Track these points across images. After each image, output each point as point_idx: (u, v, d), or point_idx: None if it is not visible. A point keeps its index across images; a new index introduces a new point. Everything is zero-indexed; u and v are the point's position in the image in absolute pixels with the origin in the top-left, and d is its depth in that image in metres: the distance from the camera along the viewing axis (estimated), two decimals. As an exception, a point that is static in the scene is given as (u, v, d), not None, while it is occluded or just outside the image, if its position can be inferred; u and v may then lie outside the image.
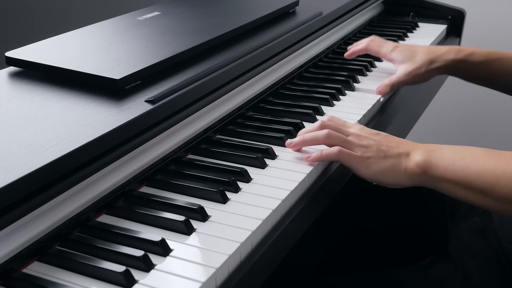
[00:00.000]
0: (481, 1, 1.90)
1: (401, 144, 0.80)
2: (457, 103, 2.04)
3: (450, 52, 1.05)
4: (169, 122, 0.77)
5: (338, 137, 0.80)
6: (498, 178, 0.72)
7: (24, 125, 0.68)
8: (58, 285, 0.58)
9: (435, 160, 0.76)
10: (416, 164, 0.76)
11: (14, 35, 2.74)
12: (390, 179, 0.78)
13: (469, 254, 0.85)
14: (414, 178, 0.77)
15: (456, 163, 0.75)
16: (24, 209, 0.59)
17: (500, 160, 0.73)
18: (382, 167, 0.78)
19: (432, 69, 1.04)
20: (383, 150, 0.78)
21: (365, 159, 0.78)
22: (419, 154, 0.77)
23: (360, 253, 1.04)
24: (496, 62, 1.03)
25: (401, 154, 0.78)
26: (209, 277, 0.58)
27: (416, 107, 1.28)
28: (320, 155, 0.79)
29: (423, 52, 1.06)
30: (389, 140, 0.80)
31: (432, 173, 0.76)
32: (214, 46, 0.95)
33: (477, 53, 1.04)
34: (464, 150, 0.77)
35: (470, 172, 0.73)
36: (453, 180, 0.75)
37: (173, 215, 0.67)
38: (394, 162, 0.78)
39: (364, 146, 0.79)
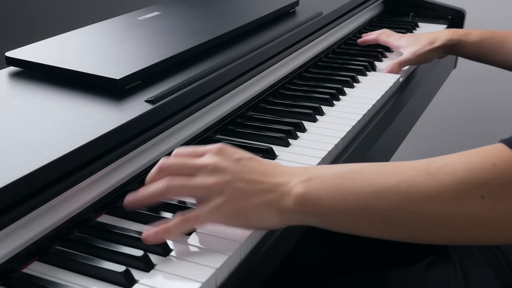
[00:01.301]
0: (481, 1, 1.90)
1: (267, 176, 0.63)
2: (457, 103, 2.04)
3: (447, 33, 1.17)
4: (169, 122, 0.77)
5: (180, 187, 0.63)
6: (404, 194, 0.57)
7: (24, 125, 0.68)
8: (58, 285, 0.58)
9: (316, 191, 0.60)
10: (293, 200, 0.60)
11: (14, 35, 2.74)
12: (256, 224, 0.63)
13: (469, 255, 0.85)
14: (291, 217, 0.61)
15: (345, 188, 0.59)
16: (24, 209, 0.59)
17: (400, 173, 0.59)
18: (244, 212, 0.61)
19: (433, 48, 1.15)
20: (244, 189, 0.61)
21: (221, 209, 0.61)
22: (294, 188, 0.61)
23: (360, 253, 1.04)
24: (488, 41, 1.12)
25: (269, 190, 0.61)
26: (209, 277, 0.58)
27: (416, 107, 1.28)
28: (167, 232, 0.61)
29: (425, 36, 1.19)
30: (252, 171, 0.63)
31: (315, 206, 0.60)
32: (214, 46, 0.95)
33: (472, 33, 1.14)
34: (350, 170, 0.61)
35: (366, 195, 0.58)
36: (343, 209, 0.59)
37: (173, 215, 0.67)
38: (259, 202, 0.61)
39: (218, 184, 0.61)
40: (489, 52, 1.12)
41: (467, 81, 1.97)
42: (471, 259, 0.85)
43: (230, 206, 0.61)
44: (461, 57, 1.20)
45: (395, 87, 1.11)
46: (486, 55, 1.13)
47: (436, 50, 1.16)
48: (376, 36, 1.26)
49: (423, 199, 0.57)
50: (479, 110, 2.03)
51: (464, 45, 1.14)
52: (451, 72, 1.54)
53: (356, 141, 0.92)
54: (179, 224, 0.62)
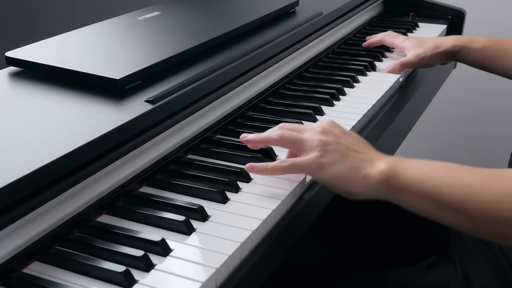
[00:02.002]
0: (481, 1, 1.90)
1: (365, 150, 0.72)
2: (457, 103, 2.04)
3: (452, 39, 1.15)
4: (169, 122, 0.77)
5: (289, 135, 0.74)
6: (475, 191, 0.64)
7: (24, 125, 0.68)
8: (58, 285, 0.58)
9: (402, 169, 0.68)
10: (379, 171, 0.68)
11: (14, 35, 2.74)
12: (344, 186, 0.70)
13: (470, 256, 0.85)
14: (374, 187, 0.69)
15: (427, 173, 0.67)
16: (24, 209, 0.59)
17: (477, 174, 0.66)
18: (336, 171, 0.69)
19: (437, 53, 1.14)
20: (342, 151, 0.70)
21: (317, 160, 0.70)
22: (384, 162, 0.69)
23: (360, 254, 1.04)
24: (492, 48, 1.11)
25: (363, 159, 0.70)
26: (209, 277, 0.58)
27: (416, 107, 1.28)
28: (266, 170, 0.74)
29: (430, 40, 1.18)
30: (353, 143, 0.73)
31: (397, 182, 0.67)
32: (214, 46, 0.95)
33: (476, 40, 1.13)
34: (437, 163, 0.69)
35: (442, 183, 0.66)
36: (420, 191, 0.66)
37: (173, 215, 0.67)
38: (351, 166, 0.69)
39: (320, 142, 0.71)
40: (492, 59, 1.11)
41: (467, 81, 1.97)
42: (471, 260, 0.85)
43: (326, 160, 0.70)
44: (465, 63, 1.18)
45: (395, 87, 1.11)
46: (490, 62, 1.12)
47: (439, 55, 1.14)
48: (381, 38, 1.25)
49: (491, 199, 0.63)
50: (479, 110, 2.03)
51: (468, 51, 1.13)
52: (451, 72, 1.54)
53: (356, 141, 0.92)
54: (278, 165, 0.73)
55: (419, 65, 1.16)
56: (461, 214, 0.65)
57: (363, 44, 1.26)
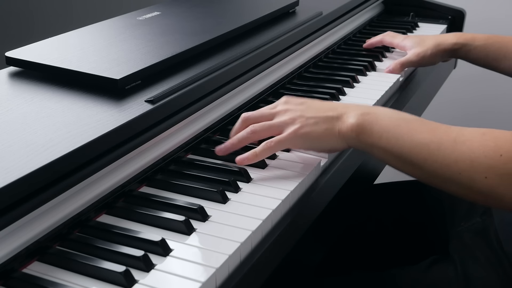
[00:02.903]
0: (481, 1, 1.90)
1: (331, 107, 0.78)
2: (457, 103, 2.04)
3: (453, 37, 1.15)
4: (169, 122, 0.77)
5: (262, 126, 0.78)
6: (431, 152, 0.70)
7: (24, 125, 0.68)
8: (58, 285, 0.58)
9: (369, 124, 0.74)
10: (350, 127, 0.74)
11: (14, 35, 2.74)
12: (325, 145, 0.77)
13: (470, 255, 0.85)
14: (349, 141, 0.76)
15: (391, 130, 0.73)
16: (24, 209, 0.59)
17: (435, 134, 0.71)
18: (316, 134, 0.76)
19: (438, 51, 1.14)
20: (313, 117, 0.77)
21: (297, 132, 0.76)
22: (353, 117, 0.75)
23: (360, 253, 1.04)
24: (494, 46, 1.11)
25: (333, 117, 0.76)
26: (209, 277, 0.58)
27: (416, 107, 1.28)
28: (255, 156, 0.77)
29: (431, 38, 1.17)
30: (318, 106, 0.79)
31: (366, 138, 0.74)
32: (214, 46, 0.95)
33: (477, 37, 1.13)
34: (400, 117, 0.74)
35: (403, 143, 0.71)
36: (385, 148, 0.73)
37: (173, 215, 0.67)
38: (327, 127, 0.76)
39: (292, 119, 0.77)
40: (495, 56, 1.11)
41: (467, 81, 1.97)
42: (472, 259, 0.85)
43: (304, 130, 0.76)
44: (466, 61, 1.17)
45: (395, 87, 1.11)
46: (492, 59, 1.11)
47: (440, 53, 1.14)
48: (381, 38, 1.24)
49: (444, 162, 0.69)
50: (479, 110, 2.03)
51: (469, 48, 1.13)
52: (451, 72, 1.54)
53: (356, 141, 0.92)
54: (265, 147, 0.77)
55: (420, 64, 1.16)
56: (420, 170, 0.71)
57: (363, 45, 1.26)
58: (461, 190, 0.70)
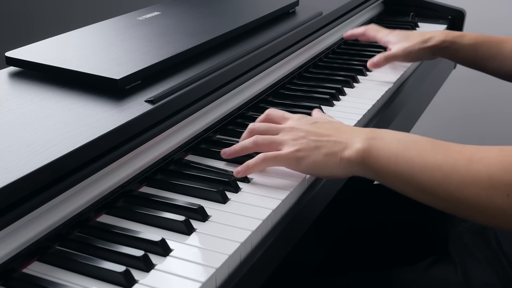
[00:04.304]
0: (481, 1, 1.90)
1: (337, 132, 0.74)
2: (457, 103, 2.04)
3: (441, 34, 1.10)
4: (169, 122, 0.77)
5: (264, 140, 0.76)
6: (445, 175, 0.65)
7: (24, 125, 0.68)
8: (58, 285, 0.58)
9: (376, 149, 0.70)
10: (355, 152, 0.70)
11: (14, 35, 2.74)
12: (323, 171, 0.73)
13: (469, 255, 0.85)
14: (352, 168, 0.71)
15: (400, 154, 0.68)
16: (24, 209, 0.59)
17: (448, 155, 0.67)
18: (314, 159, 0.72)
19: (425, 48, 1.10)
20: (315, 140, 0.73)
21: (294, 154, 0.73)
22: (358, 142, 0.71)
23: (360, 253, 1.04)
24: (483, 45, 1.07)
25: (336, 142, 0.72)
26: (209, 277, 0.58)
27: (416, 107, 1.28)
28: (248, 168, 0.75)
29: (417, 34, 1.13)
30: (324, 129, 0.75)
31: (372, 163, 0.70)
32: (214, 46, 0.95)
33: (466, 36, 1.09)
34: (408, 140, 0.70)
35: (414, 165, 0.67)
36: (395, 173, 0.68)
37: (173, 215, 0.67)
38: (327, 152, 0.72)
39: (293, 139, 0.74)
40: (484, 56, 1.07)
41: (467, 81, 1.97)
42: (472, 259, 0.85)
43: (301, 153, 0.73)
44: (453, 60, 1.13)
45: (395, 87, 1.11)
46: (481, 59, 1.08)
47: (427, 49, 1.10)
48: (364, 31, 1.21)
49: (459, 183, 0.65)
50: (479, 110, 2.03)
51: (458, 47, 1.08)
52: (451, 72, 1.54)
53: (356, 141, 0.92)
54: (259, 162, 0.74)
55: (405, 59, 1.12)
56: (434, 196, 0.67)
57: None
58: (480, 215, 0.65)
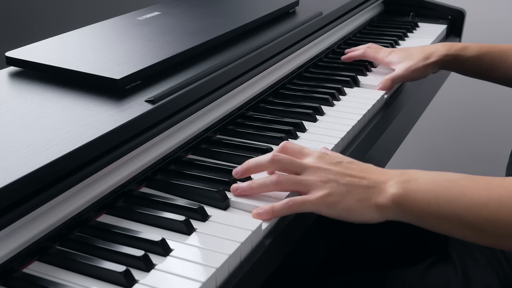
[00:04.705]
0: (481, 1, 1.90)
1: (367, 174, 0.70)
2: (457, 103, 2.04)
3: (443, 48, 1.09)
4: (169, 122, 0.77)
5: (288, 180, 0.70)
6: (493, 211, 0.64)
7: (24, 125, 0.68)
8: (58, 285, 0.58)
9: (413, 193, 0.67)
10: (391, 198, 0.67)
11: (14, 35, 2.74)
12: (356, 217, 0.69)
13: (470, 256, 0.85)
14: (387, 214, 0.68)
15: (440, 195, 0.66)
16: (24, 209, 0.59)
17: (491, 190, 0.65)
18: (346, 205, 0.68)
19: (428, 64, 1.08)
20: (346, 184, 0.68)
21: (325, 199, 0.68)
22: (392, 186, 0.67)
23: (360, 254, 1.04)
24: (487, 56, 1.06)
25: (368, 187, 0.68)
26: (209, 277, 0.58)
27: (416, 107, 1.28)
28: (273, 212, 0.68)
29: (418, 50, 1.11)
30: (352, 170, 0.71)
31: (411, 208, 0.67)
32: (214, 46, 0.95)
33: (469, 47, 1.08)
34: (444, 179, 0.68)
35: (458, 205, 0.65)
36: (438, 215, 0.66)
37: (173, 215, 0.67)
38: (360, 198, 0.68)
39: (322, 182, 0.69)
40: (488, 67, 1.06)
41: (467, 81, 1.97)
42: (472, 260, 0.85)
43: (332, 198, 0.68)
44: (458, 72, 1.12)
45: (395, 87, 1.11)
46: (486, 70, 1.06)
47: (431, 65, 1.08)
48: (363, 52, 1.16)
49: (509, 218, 0.63)
50: (479, 110, 2.03)
51: (461, 60, 1.07)
52: (451, 72, 1.54)
53: (356, 141, 0.92)
54: (285, 207, 0.68)
55: (411, 78, 1.10)
56: (481, 233, 0.66)
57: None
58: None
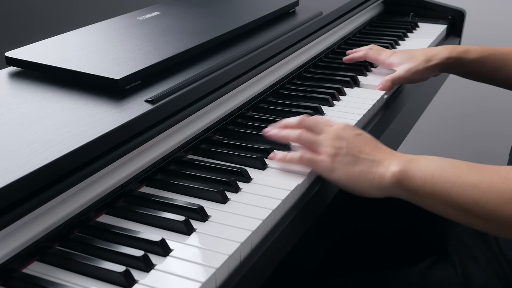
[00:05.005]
0: (481, 1, 1.90)
1: (377, 151, 0.74)
2: (457, 103, 2.04)
3: (445, 51, 1.08)
4: (169, 122, 0.77)
5: (306, 138, 0.78)
6: (483, 193, 0.66)
7: (24, 125, 0.68)
8: (58, 285, 0.58)
9: (412, 171, 0.70)
10: (391, 173, 0.71)
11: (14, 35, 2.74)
12: (355, 187, 0.73)
13: (469, 255, 0.85)
14: (386, 188, 0.72)
15: (436, 174, 0.69)
16: (24, 209, 0.59)
17: (485, 174, 0.67)
18: (348, 172, 0.73)
19: (430, 67, 1.07)
20: (353, 155, 0.74)
21: (330, 163, 0.74)
22: (395, 164, 0.72)
23: (360, 254, 1.04)
24: (490, 58, 1.06)
25: (373, 161, 0.73)
26: (209, 277, 0.58)
27: (416, 107, 1.28)
28: (285, 159, 0.78)
29: (420, 52, 1.10)
30: (365, 144, 0.75)
31: (408, 184, 0.70)
32: (214, 46, 0.95)
33: (471, 50, 1.07)
34: (445, 162, 0.71)
35: (451, 185, 0.68)
36: (432, 193, 0.69)
37: (173, 215, 0.67)
38: (362, 169, 0.73)
39: (333, 147, 0.75)
40: (490, 69, 1.05)
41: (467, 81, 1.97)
42: (471, 260, 0.85)
43: (336, 165, 0.74)
44: (460, 75, 1.11)
45: (395, 87, 1.11)
46: (488, 73, 1.06)
47: (432, 68, 1.07)
48: (365, 54, 1.15)
49: (497, 201, 0.65)
50: (479, 110, 2.03)
51: (463, 62, 1.06)
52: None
53: (356, 141, 0.92)
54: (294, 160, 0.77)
55: (412, 80, 1.09)
56: (471, 214, 0.67)
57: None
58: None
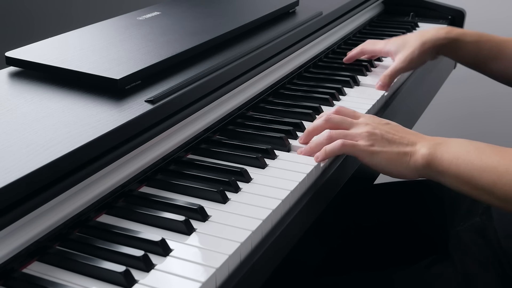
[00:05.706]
0: (481, 1, 1.90)
1: (408, 135, 0.79)
2: (458, 103, 2.04)
3: (442, 31, 1.07)
4: (169, 122, 0.77)
5: (338, 134, 0.80)
6: (500, 175, 0.70)
7: (24, 125, 0.68)
8: (58, 285, 0.58)
9: (440, 153, 0.75)
10: (421, 156, 0.76)
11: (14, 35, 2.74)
12: (394, 169, 0.77)
13: (469, 254, 0.85)
14: (419, 170, 0.76)
15: (461, 157, 0.73)
16: (24, 209, 0.59)
17: (504, 157, 0.72)
18: (387, 156, 0.77)
19: (426, 50, 1.06)
20: (387, 139, 0.78)
21: (369, 148, 0.77)
22: (425, 146, 0.76)
23: (360, 253, 1.04)
24: (486, 44, 1.05)
25: (407, 144, 0.77)
26: (209, 277, 0.58)
27: (417, 106, 1.28)
28: (325, 153, 0.79)
29: (414, 37, 1.09)
30: (396, 130, 0.80)
31: (436, 166, 0.75)
32: (214, 46, 0.95)
33: (468, 33, 1.06)
34: (471, 144, 0.75)
35: (473, 167, 0.72)
36: (456, 174, 0.74)
37: (173, 215, 0.67)
38: (398, 152, 0.77)
39: (368, 133, 0.78)
40: (485, 55, 1.04)
41: (468, 81, 1.97)
42: (471, 259, 0.85)
43: (375, 148, 0.77)
44: (454, 59, 1.10)
45: (395, 87, 1.11)
46: (482, 58, 1.05)
47: (428, 50, 1.06)
48: (361, 48, 1.15)
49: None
50: (480, 110, 2.03)
51: (460, 45, 1.05)
52: (451, 72, 1.54)
53: (356, 141, 0.92)
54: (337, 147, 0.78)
55: (410, 68, 1.08)
56: (491, 195, 0.71)
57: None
58: None
